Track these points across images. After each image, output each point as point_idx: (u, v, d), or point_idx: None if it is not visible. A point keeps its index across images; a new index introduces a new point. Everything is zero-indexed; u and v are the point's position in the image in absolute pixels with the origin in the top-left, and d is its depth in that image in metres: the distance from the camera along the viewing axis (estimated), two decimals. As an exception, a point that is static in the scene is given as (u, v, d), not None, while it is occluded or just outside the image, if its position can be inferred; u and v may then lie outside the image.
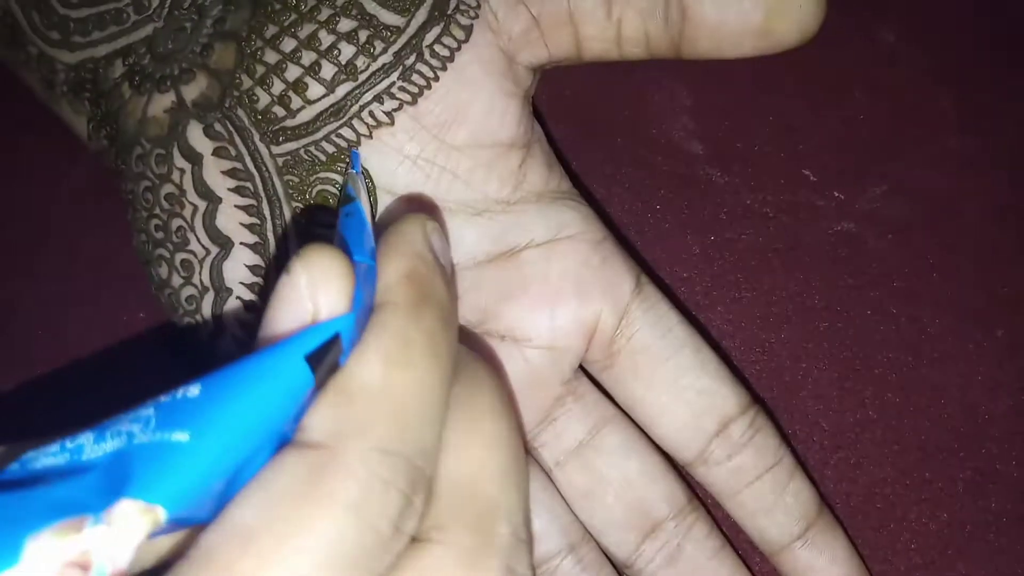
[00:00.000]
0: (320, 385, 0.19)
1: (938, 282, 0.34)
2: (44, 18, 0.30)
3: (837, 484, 0.31)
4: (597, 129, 0.37)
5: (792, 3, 0.27)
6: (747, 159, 0.36)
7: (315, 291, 0.19)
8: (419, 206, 0.28)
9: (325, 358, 0.18)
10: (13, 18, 0.31)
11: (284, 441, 0.19)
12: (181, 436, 0.17)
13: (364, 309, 0.20)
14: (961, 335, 0.33)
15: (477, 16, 0.28)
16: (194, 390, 0.18)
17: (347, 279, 0.19)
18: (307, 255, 0.19)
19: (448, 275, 0.23)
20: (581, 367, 0.29)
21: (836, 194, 0.35)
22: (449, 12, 0.28)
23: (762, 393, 0.32)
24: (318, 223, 0.28)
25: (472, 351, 0.23)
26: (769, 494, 0.28)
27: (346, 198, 0.25)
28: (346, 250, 0.21)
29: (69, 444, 0.18)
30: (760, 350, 0.33)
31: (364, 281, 0.20)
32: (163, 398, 0.18)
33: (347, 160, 0.28)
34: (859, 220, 0.35)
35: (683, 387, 0.28)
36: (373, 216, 0.27)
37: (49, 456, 0.18)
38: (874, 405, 0.32)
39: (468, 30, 0.28)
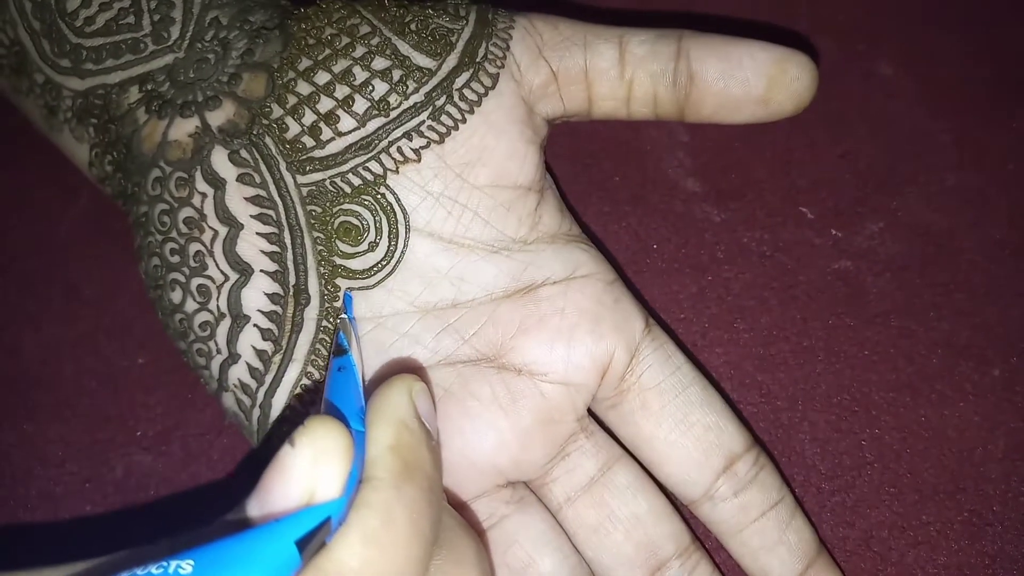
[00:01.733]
0: (306, 563, 0.19)
1: (935, 320, 0.34)
2: (55, 46, 0.31)
3: (834, 528, 0.31)
4: (594, 166, 0.37)
5: (790, 75, 0.29)
6: (744, 196, 0.36)
7: (316, 468, 0.20)
8: (405, 367, 0.29)
9: (313, 539, 0.19)
10: (22, 46, 0.31)
11: None
12: None
13: (354, 481, 0.21)
14: (958, 374, 0.33)
15: (503, 66, 0.29)
16: (186, 567, 0.18)
17: (347, 458, 0.20)
18: (313, 430, 0.20)
19: (433, 440, 0.24)
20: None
21: (833, 231, 0.35)
22: (478, 59, 0.29)
23: (760, 436, 0.32)
24: (338, 254, 0.28)
25: (456, 514, 0.25)
26: (773, 531, 0.29)
27: (338, 349, 0.26)
28: (338, 414, 0.22)
29: None
30: (758, 392, 0.33)
31: (356, 450, 0.21)
32: (155, 570, 0.18)
33: (373, 192, 0.28)
34: (856, 258, 0.35)
35: (692, 423, 0.29)
36: (360, 361, 0.28)
37: None
38: (871, 447, 0.32)
39: (495, 78, 0.29)
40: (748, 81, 0.29)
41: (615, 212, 0.36)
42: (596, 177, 0.36)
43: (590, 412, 0.30)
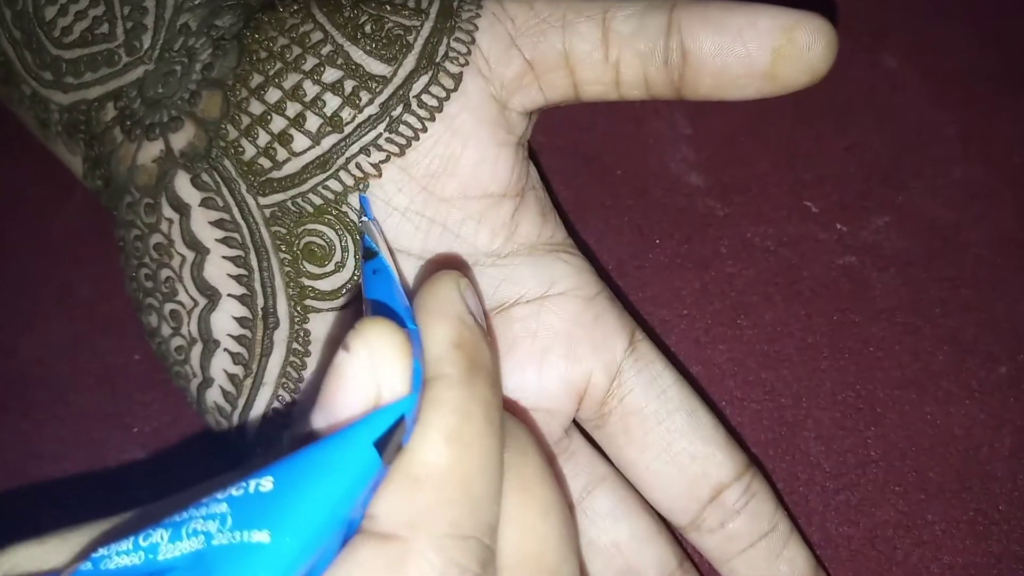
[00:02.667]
0: (388, 465, 0.19)
1: (940, 317, 0.34)
2: (37, 58, 0.30)
3: (838, 527, 0.31)
4: (594, 159, 0.36)
5: (799, 45, 0.26)
6: (748, 190, 0.35)
7: (377, 369, 0.19)
8: (447, 262, 0.27)
9: (391, 440, 0.18)
10: (6, 56, 0.30)
11: (352, 527, 0.19)
12: (261, 536, 0.17)
13: (419, 379, 0.20)
14: (964, 371, 0.33)
15: (467, 63, 0.27)
16: (267, 483, 0.17)
17: (406, 355, 0.19)
18: (366, 331, 0.19)
19: (489, 336, 0.22)
20: (575, 421, 0.29)
21: (838, 226, 0.35)
22: (438, 60, 0.27)
23: (763, 434, 0.32)
24: (305, 275, 0.28)
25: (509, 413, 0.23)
26: (762, 562, 0.28)
27: (368, 252, 0.25)
28: (387, 315, 0.21)
29: (143, 542, 0.17)
30: (761, 389, 0.33)
31: (414, 348, 0.20)
32: (235, 491, 0.18)
33: (335, 211, 0.27)
34: (861, 253, 0.34)
35: (676, 453, 0.28)
36: (392, 259, 0.26)
37: (122, 554, 0.17)
38: (876, 445, 0.32)
39: (457, 79, 0.27)
40: (750, 56, 0.26)
41: (617, 207, 0.35)
42: (597, 171, 0.36)
43: (577, 424, 0.29)
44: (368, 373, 0.19)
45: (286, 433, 0.21)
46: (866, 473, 0.31)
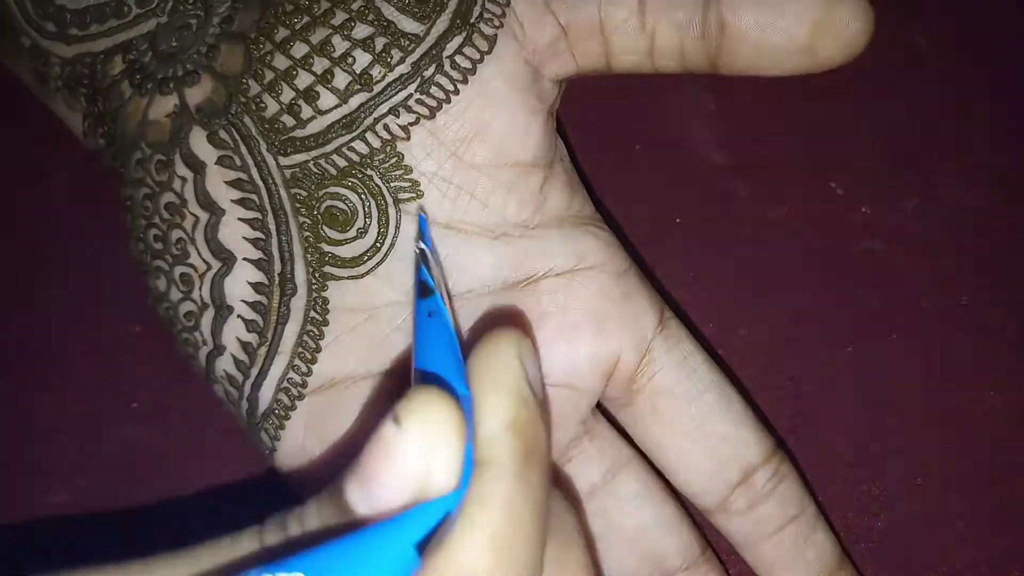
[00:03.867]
0: (425, 563, 0.17)
1: (967, 304, 0.33)
2: (39, 8, 0.28)
3: (859, 518, 0.30)
4: (615, 133, 0.35)
5: (839, 20, 0.26)
6: (771, 170, 0.34)
7: (429, 452, 0.17)
8: (508, 318, 0.26)
9: (432, 539, 0.17)
10: (4, 6, 0.29)
11: None
12: None
13: (469, 465, 0.18)
14: (990, 361, 0.32)
15: (502, 25, 0.26)
16: None
17: (461, 441, 0.17)
18: (420, 405, 0.17)
19: (547, 413, 0.21)
20: (597, 403, 0.28)
21: (864, 209, 0.34)
22: (472, 21, 0.26)
23: (783, 422, 0.31)
24: (325, 240, 0.26)
25: (556, 490, 0.21)
26: (790, 546, 0.27)
27: (424, 288, 0.23)
28: (438, 377, 0.19)
29: None
30: (783, 375, 0.32)
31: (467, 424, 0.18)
32: None
33: (359, 174, 0.26)
34: (887, 238, 0.33)
35: (706, 433, 0.27)
36: (449, 300, 0.24)
37: None
38: (899, 436, 0.31)
39: (492, 40, 0.26)
40: (789, 29, 0.26)
41: (636, 183, 0.34)
42: (617, 146, 0.35)
43: (600, 406, 0.28)
44: (420, 456, 0.17)
45: (312, 500, 0.19)
46: (888, 464, 0.31)
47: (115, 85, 0.28)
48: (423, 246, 0.25)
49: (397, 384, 0.27)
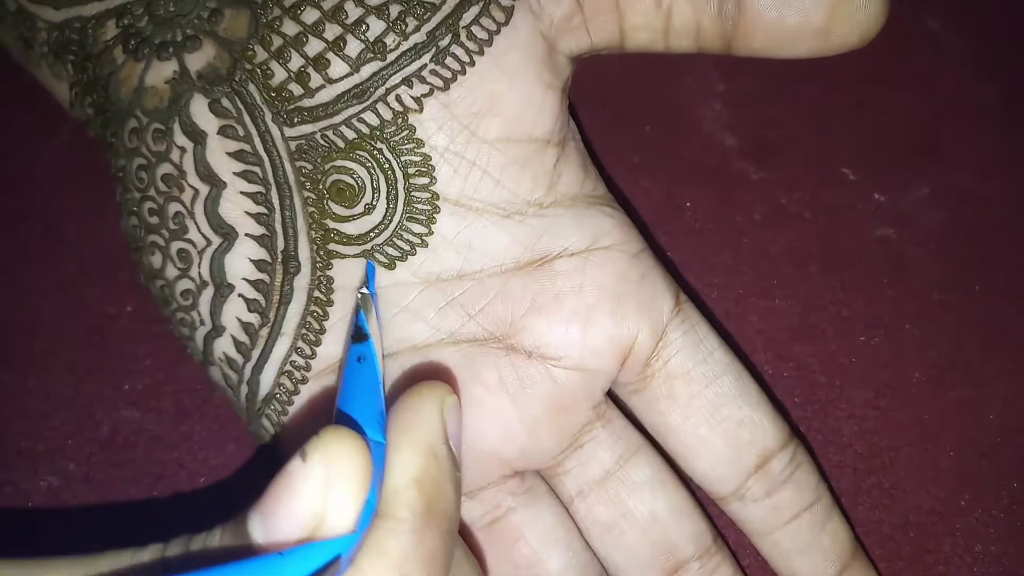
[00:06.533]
0: None
1: (979, 295, 0.32)
2: None
3: (869, 512, 0.30)
4: (624, 115, 0.34)
5: (855, 3, 0.25)
6: (783, 153, 0.34)
7: (329, 491, 0.18)
8: (433, 372, 0.26)
9: None
10: None
11: None
12: None
13: (370, 510, 0.19)
14: (1002, 353, 0.31)
15: None
16: None
17: (364, 483, 0.18)
18: (328, 443, 0.18)
19: (459, 471, 0.22)
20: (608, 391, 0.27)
21: (876, 196, 0.33)
22: None
23: (794, 412, 0.30)
24: (331, 216, 0.25)
25: (463, 544, 0.23)
26: (806, 534, 0.27)
27: (359, 333, 0.23)
28: (354, 421, 0.20)
29: None
30: (793, 364, 0.31)
31: (375, 465, 0.19)
32: None
33: (368, 147, 0.25)
34: (899, 225, 0.33)
35: (723, 418, 0.26)
36: (382, 349, 0.25)
37: None
38: (910, 427, 0.30)
39: (509, 12, 0.25)
40: (806, 10, 0.25)
41: (645, 165, 0.33)
42: (625, 127, 0.34)
43: (610, 394, 0.28)
44: (319, 493, 0.18)
45: (220, 525, 0.20)
46: (899, 456, 0.30)
47: (107, 51, 0.26)
48: (366, 291, 0.25)
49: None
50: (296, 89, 0.25)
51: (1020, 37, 0.36)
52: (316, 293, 0.26)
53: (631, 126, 0.34)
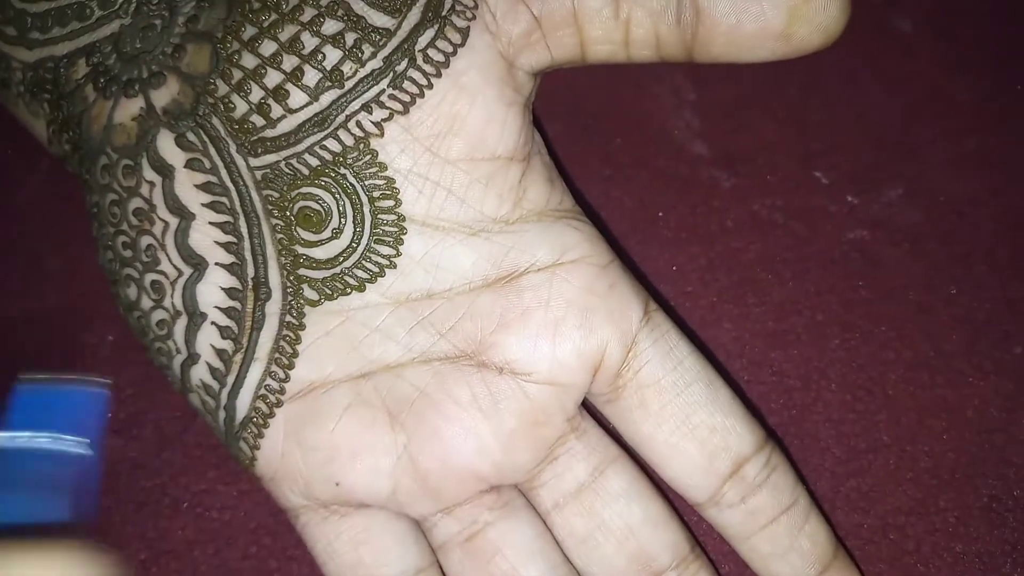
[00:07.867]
0: None
1: (954, 295, 0.32)
2: None
3: (848, 515, 0.30)
4: (594, 126, 0.34)
5: (816, 5, 0.25)
6: (754, 160, 0.34)
7: None
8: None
9: None
10: None
11: None
12: None
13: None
14: (978, 352, 0.31)
15: (474, 17, 0.25)
16: None
17: None
18: None
19: None
20: (583, 400, 0.28)
21: (849, 199, 0.33)
22: (444, 13, 0.25)
23: (770, 417, 0.31)
24: (299, 242, 0.26)
25: None
26: (784, 537, 0.27)
27: None
28: None
29: None
30: (769, 370, 0.31)
31: None
32: None
33: (332, 173, 0.26)
34: (873, 227, 0.33)
35: (694, 425, 0.26)
36: None
37: None
38: (887, 429, 0.30)
39: (464, 33, 0.25)
40: (764, 15, 0.25)
41: (617, 176, 0.34)
42: (596, 139, 0.34)
43: (586, 404, 0.28)
44: None
45: None
46: (877, 458, 0.30)
47: (79, 89, 0.27)
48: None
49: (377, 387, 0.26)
50: (258, 120, 0.25)
51: (992, 35, 0.36)
52: (288, 318, 0.26)
53: (601, 137, 0.34)
